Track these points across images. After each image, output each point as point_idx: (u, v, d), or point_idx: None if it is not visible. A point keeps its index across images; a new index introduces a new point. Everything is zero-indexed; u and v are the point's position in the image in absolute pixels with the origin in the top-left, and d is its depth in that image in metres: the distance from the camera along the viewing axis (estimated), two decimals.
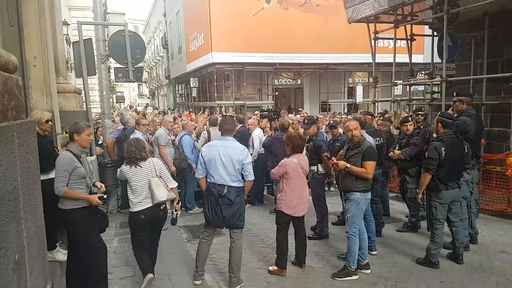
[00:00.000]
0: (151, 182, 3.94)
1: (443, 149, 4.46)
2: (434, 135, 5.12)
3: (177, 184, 4.33)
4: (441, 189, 4.53)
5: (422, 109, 6.90)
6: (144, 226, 4.04)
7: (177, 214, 4.27)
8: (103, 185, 3.91)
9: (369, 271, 4.61)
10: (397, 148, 5.98)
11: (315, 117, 6.59)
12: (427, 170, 4.56)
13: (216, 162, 4.08)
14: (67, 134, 4.59)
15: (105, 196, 3.59)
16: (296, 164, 4.53)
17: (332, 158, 4.68)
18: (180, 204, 4.38)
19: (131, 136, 6.12)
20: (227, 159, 4.05)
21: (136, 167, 3.96)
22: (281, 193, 4.58)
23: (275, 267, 4.59)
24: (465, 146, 4.67)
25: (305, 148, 6.76)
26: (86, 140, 3.69)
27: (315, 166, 5.56)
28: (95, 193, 3.72)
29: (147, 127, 6.52)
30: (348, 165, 4.37)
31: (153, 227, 4.17)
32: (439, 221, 4.63)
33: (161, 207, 4.08)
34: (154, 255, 4.33)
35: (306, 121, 5.90)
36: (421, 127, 6.26)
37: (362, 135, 4.52)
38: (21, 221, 2.01)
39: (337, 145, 5.85)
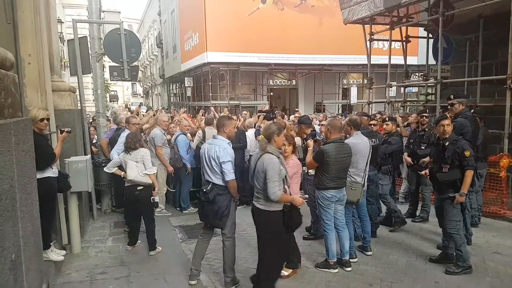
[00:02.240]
0: (127, 164, 5.10)
1: None
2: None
3: (154, 172, 5.14)
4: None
5: (427, 111, 6.93)
6: (127, 201, 5.39)
7: (153, 198, 5.17)
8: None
9: (349, 269, 4.66)
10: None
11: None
12: (473, 168, 4.42)
13: (202, 159, 4.17)
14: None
15: (306, 196, 3.78)
16: (299, 162, 4.61)
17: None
18: (157, 190, 5.22)
19: (121, 135, 6.12)
20: (207, 156, 4.11)
21: (127, 154, 5.16)
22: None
23: (290, 270, 4.53)
24: None
25: (300, 148, 6.80)
26: (282, 141, 3.89)
27: (306, 167, 5.54)
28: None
29: (137, 126, 6.46)
30: (310, 148, 4.73)
31: (135, 204, 5.24)
32: (460, 221, 4.61)
33: (137, 188, 5.09)
34: (147, 231, 5.27)
35: (301, 120, 5.94)
36: (426, 129, 6.30)
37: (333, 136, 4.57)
38: (17, 220, 1.98)
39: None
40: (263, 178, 3.63)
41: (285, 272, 4.51)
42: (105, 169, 5.57)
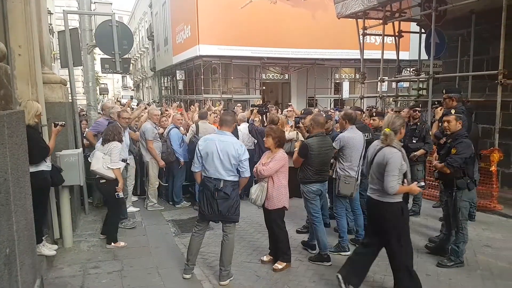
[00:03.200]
0: (94, 154, 5.14)
1: (472, 146, 4.43)
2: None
3: (119, 167, 5.08)
4: (473, 187, 4.50)
5: (420, 105, 6.98)
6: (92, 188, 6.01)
7: (117, 194, 5.11)
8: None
9: (315, 251, 4.88)
10: None
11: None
12: (450, 167, 4.40)
13: (213, 156, 4.04)
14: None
15: (423, 184, 3.78)
16: (286, 156, 4.56)
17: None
18: (120, 186, 5.14)
19: None
20: (224, 154, 4.01)
21: (102, 145, 5.17)
22: (280, 188, 4.44)
23: (284, 263, 4.54)
24: None
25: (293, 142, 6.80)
26: (404, 134, 3.90)
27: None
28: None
29: (127, 121, 6.28)
30: (296, 149, 4.85)
31: (102, 195, 5.76)
32: (467, 220, 4.60)
33: (100, 181, 5.11)
34: (108, 222, 5.33)
35: (302, 111, 5.99)
36: (418, 123, 6.36)
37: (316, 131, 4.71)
38: (11, 214, 1.95)
39: None
40: (382, 170, 3.61)
41: (279, 265, 4.54)
42: (89, 159, 5.56)
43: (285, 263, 4.55)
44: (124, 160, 5.70)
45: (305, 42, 21.76)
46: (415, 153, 6.22)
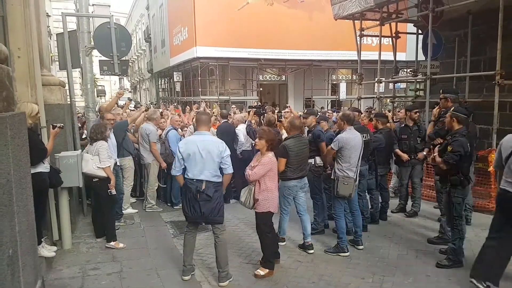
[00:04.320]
0: (83, 157, 5.16)
1: (468, 144, 4.42)
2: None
3: (108, 165, 5.15)
4: (466, 185, 4.51)
5: (419, 106, 7.06)
6: (89, 189, 5.86)
7: (110, 191, 5.17)
8: None
9: (312, 251, 5.06)
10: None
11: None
12: (446, 163, 4.45)
13: (195, 157, 4.01)
14: None
15: None
16: (275, 159, 4.50)
17: None
18: (112, 183, 5.20)
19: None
20: (206, 153, 4.01)
21: (90, 144, 5.25)
22: (265, 192, 4.36)
23: (266, 270, 4.42)
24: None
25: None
26: None
27: (313, 159, 5.56)
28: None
29: (112, 122, 6.19)
30: None
31: (93, 193, 5.68)
32: (461, 217, 4.62)
33: (93, 180, 5.16)
34: (104, 222, 5.33)
35: (305, 111, 6.04)
36: (419, 124, 6.43)
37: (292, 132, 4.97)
38: (14, 215, 1.95)
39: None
40: None
41: (261, 271, 4.42)
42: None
43: (267, 270, 4.43)
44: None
45: (302, 43, 21.84)
46: (423, 153, 6.28)
